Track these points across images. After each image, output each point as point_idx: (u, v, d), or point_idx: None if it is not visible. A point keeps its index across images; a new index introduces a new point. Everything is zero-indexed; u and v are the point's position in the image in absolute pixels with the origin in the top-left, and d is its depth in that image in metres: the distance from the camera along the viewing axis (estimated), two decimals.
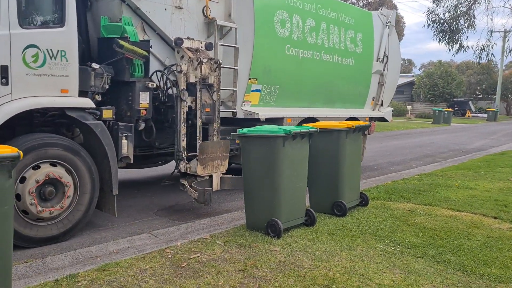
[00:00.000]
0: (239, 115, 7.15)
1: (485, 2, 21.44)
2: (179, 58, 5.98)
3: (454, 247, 4.82)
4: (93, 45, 5.88)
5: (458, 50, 19.76)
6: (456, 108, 43.77)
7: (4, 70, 4.37)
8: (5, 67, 4.38)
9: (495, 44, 20.81)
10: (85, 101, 5.00)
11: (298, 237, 4.99)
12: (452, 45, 19.70)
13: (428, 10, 20.07)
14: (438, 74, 45.24)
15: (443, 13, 19.52)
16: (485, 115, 41.08)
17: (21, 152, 3.12)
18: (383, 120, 10.86)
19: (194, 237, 4.94)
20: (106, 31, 5.63)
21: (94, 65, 5.15)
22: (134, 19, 5.80)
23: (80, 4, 5.44)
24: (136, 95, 5.54)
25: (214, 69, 6.17)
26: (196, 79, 5.98)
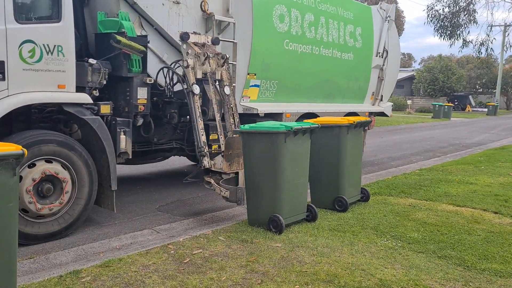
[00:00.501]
0: (238, 111, 7.08)
1: None
2: (185, 53, 5.82)
3: (455, 242, 4.81)
4: (91, 41, 5.83)
5: (463, 46, 19.70)
6: (456, 103, 43.73)
7: (1, 66, 4.34)
8: (2, 63, 4.34)
9: (495, 39, 20.83)
10: (83, 97, 4.96)
11: (300, 233, 4.98)
12: (454, 41, 19.65)
13: (428, 7, 20.04)
14: (438, 69, 45.19)
15: (443, 8, 19.48)
16: (485, 110, 41.01)
17: (25, 150, 3.10)
18: (383, 115, 10.83)
19: (196, 233, 4.93)
20: (103, 27, 5.59)
21: (91, 61, 5.11)
22: (132, 14, 5.76)
23: None
24: (134, 91, 5.49)
25: (222, 64, 6.05)
26: (203, 75, 5.84)
